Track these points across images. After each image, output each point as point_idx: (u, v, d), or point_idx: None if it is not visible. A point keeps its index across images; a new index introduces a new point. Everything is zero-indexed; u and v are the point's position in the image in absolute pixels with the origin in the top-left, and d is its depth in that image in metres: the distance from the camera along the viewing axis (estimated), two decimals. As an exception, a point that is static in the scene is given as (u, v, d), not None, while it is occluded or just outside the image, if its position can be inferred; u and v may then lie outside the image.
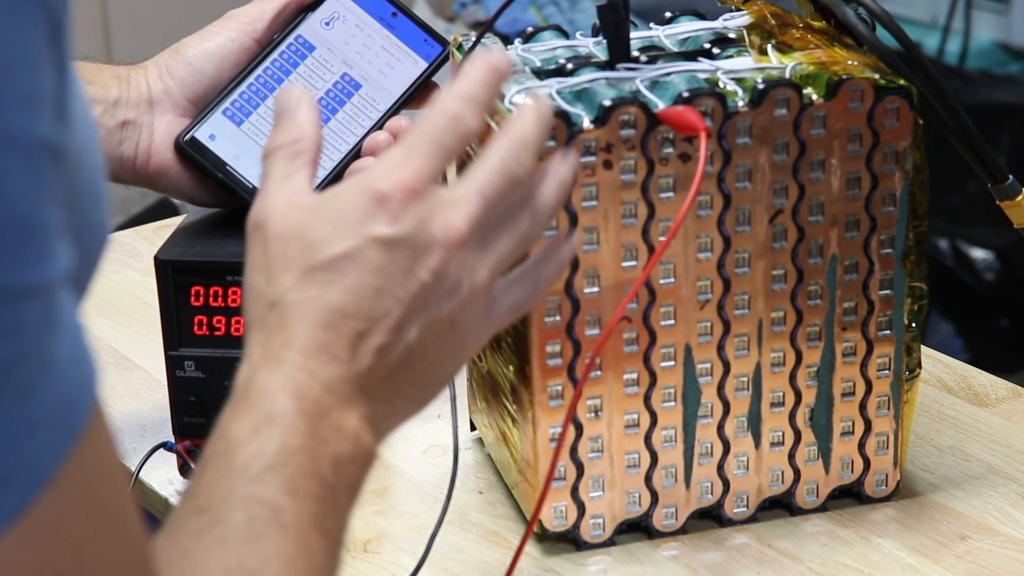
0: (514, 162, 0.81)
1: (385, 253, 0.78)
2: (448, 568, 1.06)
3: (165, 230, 1.47)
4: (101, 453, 0.61)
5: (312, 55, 1.16)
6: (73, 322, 0.59)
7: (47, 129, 0.57)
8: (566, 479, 1.06)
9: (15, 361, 0.56)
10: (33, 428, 0.57)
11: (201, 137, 1.13)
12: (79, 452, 0.59)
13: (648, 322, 1.04)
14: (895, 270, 1.06)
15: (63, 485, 0.58)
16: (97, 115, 1.11)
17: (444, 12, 3.44)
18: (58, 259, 0.57)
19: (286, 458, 0.74)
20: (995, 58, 3.11)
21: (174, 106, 1.13)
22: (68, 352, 0.58)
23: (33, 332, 0.56)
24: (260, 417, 0.75)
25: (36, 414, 0.57)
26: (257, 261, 0.80)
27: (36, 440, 0.57)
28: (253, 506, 0.72)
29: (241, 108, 1.14)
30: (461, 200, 0.79)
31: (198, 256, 1.09)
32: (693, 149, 1.01)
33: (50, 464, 0.58)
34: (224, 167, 1.12)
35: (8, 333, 0.55)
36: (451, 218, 0.79)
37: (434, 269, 0.78)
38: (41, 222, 0.56)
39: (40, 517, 0.58)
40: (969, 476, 1.13)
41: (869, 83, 1.02)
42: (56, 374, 0.57)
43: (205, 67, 1.14)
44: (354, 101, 1.16)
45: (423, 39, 1.18)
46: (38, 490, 0.57)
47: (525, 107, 0.83)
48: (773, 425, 1.08)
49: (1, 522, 0.57)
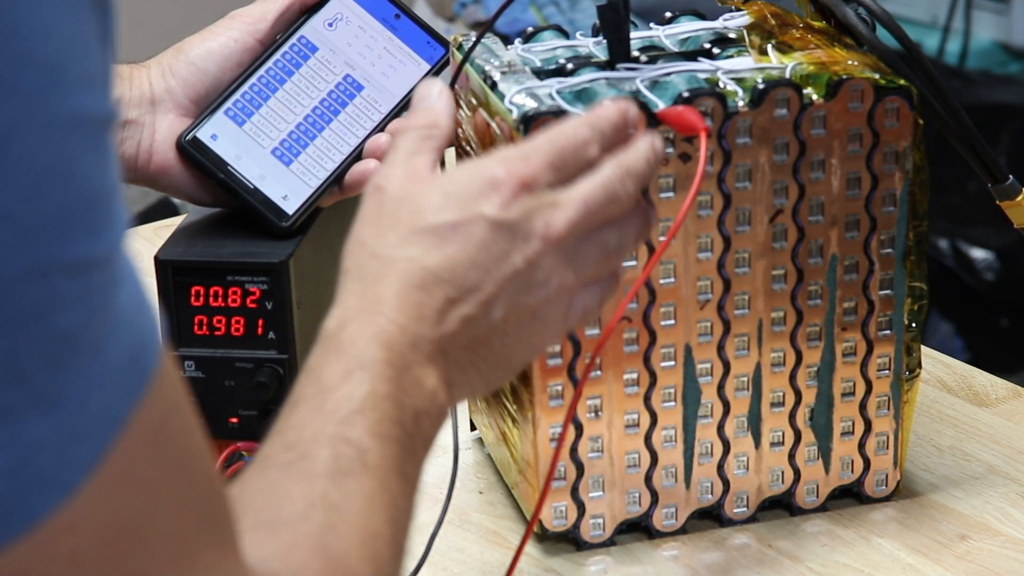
0: (619, 185, 0.86)
1: (489, 232, 0.82)
2: (448, 568, 1.06)
3: (165, 230, 1.47)
4: (169, 393, 0.63)
5: (315, 56, 1.16)
6: (132, 273, 0.61)
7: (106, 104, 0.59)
8: (566, 479, 1.06)
9: (88, 325, 0.58)
10: (105, 382, 0.59)
11: (203, 137, 1.12)
12: (148, 397, 0.61)
13: (648, 322, 1.04)
14: (895, 270, 1.06)
15: (135, 430, 0.60)
16: None
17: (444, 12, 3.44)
18: (120, 222, 0.60)
19: (374, 403, 0.77)
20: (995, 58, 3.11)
21: (176, 106, 1.13)
22: (131, 302, 0.61)
23: (101, 295, 0.59)
24: (351, 363, 0.79)
25: (107, 369, 0.59)
26: (369, 216, 0.84)
27: (108, 392, 0.59)
28: (340, 445, 0.75)
29: (243, 108, 1.14)
30: (566, 205, 0.84)
31: (198, 256, 1.09)
32: (693, 149, 1.01)
33: (122, 412, 0.60)
34: (225, 167, 1.12)
35: (80, 301, 0.58)
36: (554, 218, 0.84)
37: (529, 259, 0.83)
38: (107, 192, 0.59)
39: (114, 465, 0.60)
40: (969, 476, 1.13)
41: (869, 83, 1.02)
42: (123, 326, 0.60)
43: (208, 67, 1.14)
44: (356, 103, 1.16)
45: (426, 41, 1.18)
46: (111, 439, 0.60)
47: (647, 141, 0.88)
48: (773, 425, 1.08)
49: (79, 476, 0.59)
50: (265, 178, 1.12)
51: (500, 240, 0.82)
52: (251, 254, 1.09)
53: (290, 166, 1.13)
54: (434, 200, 0.83)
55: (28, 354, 0.57)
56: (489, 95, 1.04)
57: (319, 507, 0.73)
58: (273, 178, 1.12)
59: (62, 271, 0.57)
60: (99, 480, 0.59)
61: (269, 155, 1.13)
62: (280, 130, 1.14)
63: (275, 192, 1.12)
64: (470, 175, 0.84)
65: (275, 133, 1.14)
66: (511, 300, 0.83)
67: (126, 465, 0.60)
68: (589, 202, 0.85)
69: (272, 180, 1.12)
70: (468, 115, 1.10)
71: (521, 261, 0.83)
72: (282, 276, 1.08)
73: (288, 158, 1.13)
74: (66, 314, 0.57)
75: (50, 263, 0.57)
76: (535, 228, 0.83)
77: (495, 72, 1.05)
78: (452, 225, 0.82)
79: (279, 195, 1.12)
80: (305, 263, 1.11)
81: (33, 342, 0.57)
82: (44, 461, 0.58)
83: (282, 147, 1.13)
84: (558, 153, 0.85)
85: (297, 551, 0.71)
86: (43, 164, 0.56)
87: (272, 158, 1.13)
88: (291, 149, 1.13)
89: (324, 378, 0.78)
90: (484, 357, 0.83)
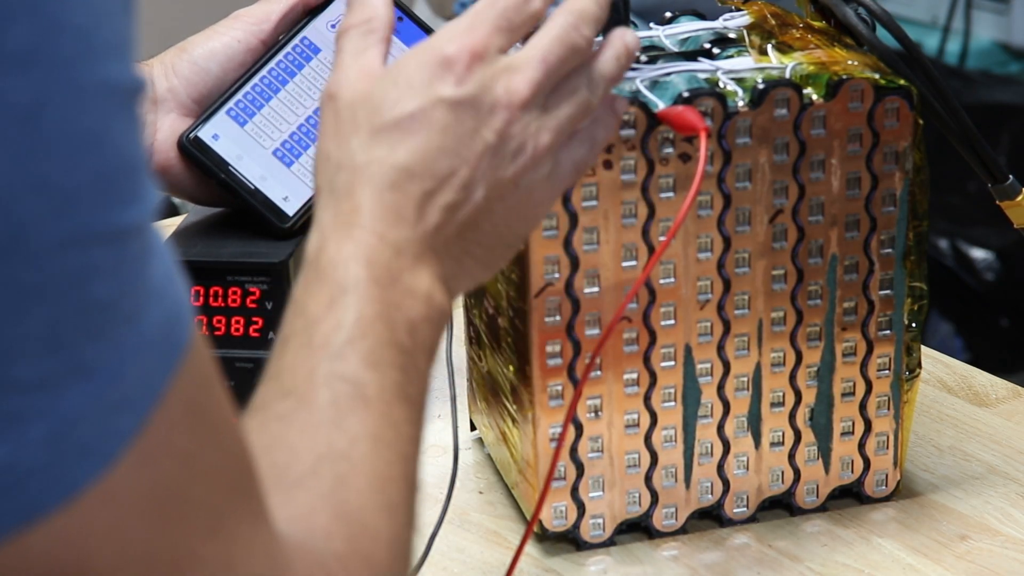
0: (575, 32, 0.84)
1: (451, 113, 0.81)
2: (448, 568, 1.06)
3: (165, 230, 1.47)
4: (203, 365, 0.63)
5: (317, 57, 1.16)
6: (161, 245, 0.61)
7: (134, 74, 0.59)
8: (566, 479, 1.06)
9: (123, 294, 0.59)
10: (141, 352, 0.59)
11: (204, 137, 1.12)
12: (183, 367, 0.61)
13: (648, 322, 1.04)
14: (895, 270, 1.06)
15: (171, 401, 0.61)
16: None
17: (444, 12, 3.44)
18: (150, 192, 0.60)
19: (364, 329, 0.76)
20: (995, 58, 3.11)
21: (178, 105, 1.13)
22: (163, 273, 0.61)
23: (136, 264, 0.59)
24: (334, 289, 0.77)
25: (143, 339, 0.59)
26: (328, 128, 0.82)
27: (144, 362, 0.60)
28: (336, 384, 0.74)
29: (245, 109, 1.14)
30: (524, 66, 0.82)
31: (198, 256, 1.09)
32: (693, 149, 1.01)
33: (158, 383, 0.60)
34: (227, 167, 1.12)
35: (116, 270, 0.58)
36: (514, 82, 0.82)
37: (498, 130, 0.81)
38: (138, 162, 0.59)
39: (152, 436, 0.60)
40: (969, 476, 1.13)
41: (869, 83, 1.02)
42: (157, 297, 0.60)
43: (210, 67, 1.14)
44: None
45: None
46: (149, 410, 0.60)
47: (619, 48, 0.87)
48: (773, 425, 1.08)
49: (118, 446, 0.59)
50: (266, 179, 1.12)
51: (464, 118, 0.81)
52: (251, 254, 1.09)
53: (291, 167, 1.13)
54: (389, 94, 0.81)
55: (66, 323, 0.57)
56: (489, 95, 1.04)
57: (327, 460, 0.72)
58: (274, 179, 1.12)
59: (98, 240, 0.57)
60: (137, 451, 0.60)
61: (270, 156, 1.13)
62: (282, 131, 1.14)
63: (276, 193, 1.12)
64: (419, 60, 0.81)
65: (277, 134, 1.14)
66: (490, 176, 0.81)
67: (163, 436, 0.61)
68: (547, 58, 0.83)
69: (273, 181, 1.12)
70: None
71: (490, 134, 0.81)
72: (282, 276, 1.08)
73: (289, 159, 1.13)
74: (103, 283, 0.58)
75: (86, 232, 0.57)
76: (497, 97, 0.81)
77: (495, 72, 1.05)
78: (411, 115, 0.80)
79: (280, 196, 1.12)
80: (305, 263, 1.11)
81: (71, 311, 0.57)
82: (83, 431, 0.58)
83: (283, 148, 1.13)
84: (502, 15, 0.83)
85: (317, 515, 0.71)
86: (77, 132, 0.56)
87: (273, 159, 1.13)
88: (292, 150, 1.13)
89: (309, 310, 0.77)
90: (476, 240, 0.82)
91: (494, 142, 0.81)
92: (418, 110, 0.80)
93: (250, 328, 1.09)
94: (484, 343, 1.12)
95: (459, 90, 0.81)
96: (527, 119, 0.82)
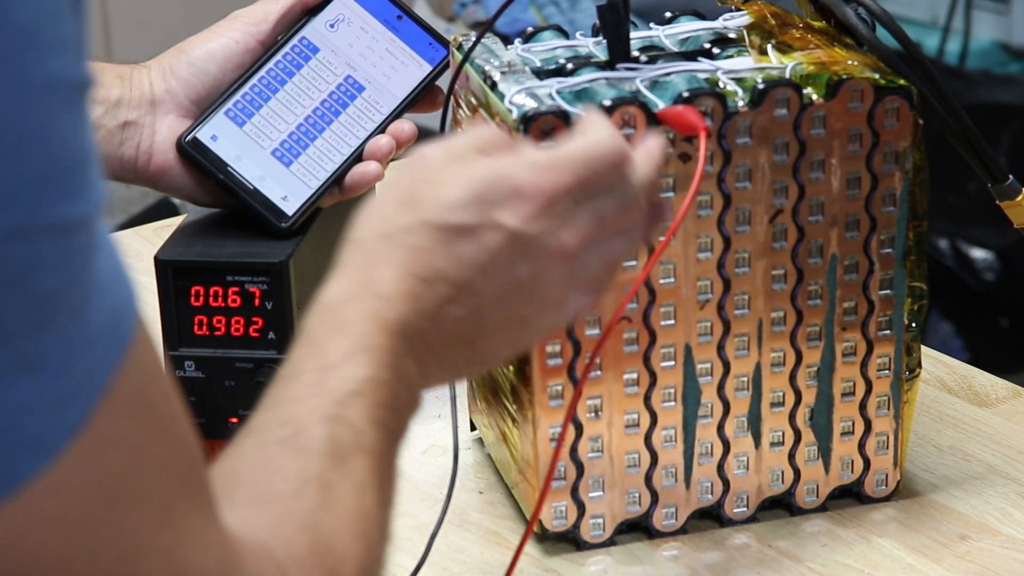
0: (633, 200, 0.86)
1: (503, 242, 0.82)
2: (448, 568, 1.06)
3: (165, 230, 1.46)
4: (148, 360, 0.64)
5: (316, 57, 1.16)
6: (109, 240, 0.62)
7: (82, 69, 0.60)
8: (566, 479, 1.06)
9: (69, 287, 0.59)
10: (87, 345, 0.60)
11: (203, 138, 1.12)
12: (128, 362, 0.62)
13: (648, 322, 1.04)
14: (895, 270, 1.06)
15: (117, 395, 0.61)
16: (98, 116, 1.11)
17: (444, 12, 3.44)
18: (98, 187, 0.61)
19: (373, 387, 0.78)
20: (995, 58, 3.11)
21: (176, 106, 1.13)
22: (109, 268, 0.62)
23: (82, 258, 0.60)
24: (354, 344, 0.79)
25: (88, 332, 0.60)
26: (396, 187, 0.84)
27: (90, 356, 0.60)
28: (337, 425, 0.76)
29: (244, 109, 1.14)
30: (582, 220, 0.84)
31: (198, 256, 1.09)
32: (693, 149, 1.01)
33: (104, 377, 0.61)
34: (225, 168, 1.12)
35: (61, 264, 0.59)
36: (568, 234, 0.83)
37: (535, 273, 0.83)
38: (85, 156, 0.60)
39: (98, 429, 0.61)
40: (969, 476, 1.13)
41: (869, 83, 1.02)
42: (102, 291, 0.61)
43: (208, 68, 1.14)
44: (357, 104, 1.15)
45: (428, 42, 1.18)
46: (95, 403, 0.61)
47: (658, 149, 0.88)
48: (773, 425, 1.08)
49: (63, 439, 0.60)
50: (265, 179, 1.12)
51: (511, 251, 0.82)
52: (251, 254, 1.09)
53: (290, 167, 1.13)
54: (457, 197, 0.82)
55: (12, 315, 0.58)
56: (489, 95, 1.04)
57: (314, 485, 0.73)
58: (273, 179, 1.12)
59: (43, 232, 0.58)
60: (83, 443, 0.60)
61: (269, 156, 1.13)
62: (280, 131, 1.14)
63: (275, 193, 1.12)
64: (496, 177, 0.83)
65: (275, 134, 1.14)
66: (505, 307, 0.83)
67: (109, 429, 0.61)
68: (605, 218, 0.85)
69: (272, 181, 1.12)
70: (468, 115, 1.10)
71: (526, 274, 0.83)
72: (282, 276, 1.08)
73: (288, 159, 1.13)
74: (48, 275, 0.59)
75: (31, 224, 0.58)
76: (549, 245, 0.83)
77: (495, 72, 1.05)
78: (469, 228, 0.82)
79: (279, 196, 1.12)
80: (305, 263, 1.11)
81: (16, 303, 0.58)
82: (29, 423, 0.59)
83: (282, 148, 1.13)
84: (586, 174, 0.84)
85: (285, 525, 0.72)
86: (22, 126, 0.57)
87: (272, 159, 1.13)
88: (291, 150, 1.13)
89: (325, 354, 0.78)
90: (465, 356, 0.83)
91: (527, 281, 0.83)
92: (477, 225, 0.82)
93: (250, 328, 1.09)
94: (484, 343, 1.12)
95: (521, 225, 0.82)
96: (564, 270, 0.84)
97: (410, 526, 1.10)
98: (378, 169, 1.14)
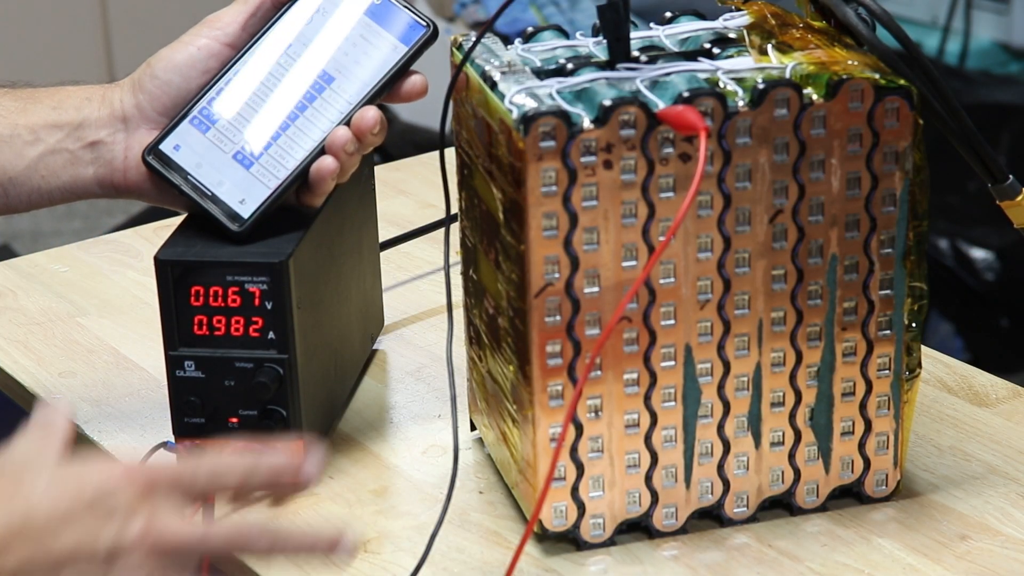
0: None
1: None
2: (448, 568, 1.06)
3: (165, 230, 1.47)
4: None
5: (286, 52, 1.13)
6: None
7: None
8: (566, 479, 1.06)
9: None
10: None
11: (165, 149, 1.12)
12: None
13: (648, 322, 1.04)
14: (895, 270, 1.06)
15: None
16: (57, 140, 1.12)
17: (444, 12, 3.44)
18: None
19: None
20: (995, 58, 3.11)
21: (146, 120, 1.13)
22: None
23: None
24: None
25: None
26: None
27: None
28: None
29: (208, 115, 1.12)
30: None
31: (198, 256, 1.09)
32: (693, 149, 1.01)
33: None
34: (186, 176, 1.11)
35: None
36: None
37: None
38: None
39: None
40: (969, 476, 1.13)
41: (869, 83, 1.02)
42: None
43: (171, 79, 1.13)
44: (324, 96, 1.12)
45: (407, 23, 1.14)
46: None
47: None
48: (773, 425, 1.08)
49: None
50: (223, 184, 1.11)
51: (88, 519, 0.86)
52: (251, 254, 1.09)
53: (251, 169, 1.12)
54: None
55: None
56: (489, 95, 1.04)
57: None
58: (232, 183, 1.11)
59: None
60: None
61: (231, 160, 1.12)
62: (243, 133, 1.12)
63: (232, 197, 1.11)
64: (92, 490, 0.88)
65: (238, 137, 1.12)
66: None
67: None
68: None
69: (231, 185, 1.11)
70: (468, 115, 1.10)
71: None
72: (282, 276, 1.08)
73: (249, 161, 1.12)
74: None
75: None
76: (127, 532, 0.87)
77: (495, 72, 1.05)
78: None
79: (236, 200, 1.11)
80: (305, 263, 1.11)
81: None
82: None
83: (243, 151, 1.12)
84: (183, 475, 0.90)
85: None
86: None
87: (233, 163, 1.12)
88: (252, 152, 1.12)
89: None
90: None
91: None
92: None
93: (250, 328, 1.09)
94: (484, 343, 1.12)
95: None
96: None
97: (410, 526, 1.10)
98: (333, 163, 1.11)
